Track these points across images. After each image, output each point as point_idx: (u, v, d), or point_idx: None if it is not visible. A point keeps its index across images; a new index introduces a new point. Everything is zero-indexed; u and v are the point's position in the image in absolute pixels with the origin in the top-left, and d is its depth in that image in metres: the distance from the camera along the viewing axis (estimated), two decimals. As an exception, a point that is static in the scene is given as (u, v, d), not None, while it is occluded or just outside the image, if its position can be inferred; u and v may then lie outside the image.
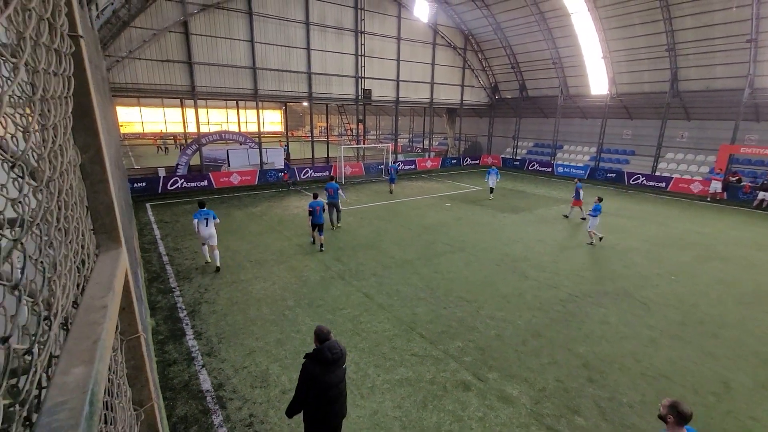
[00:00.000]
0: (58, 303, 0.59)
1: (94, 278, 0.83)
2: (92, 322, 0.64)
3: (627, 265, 11.17)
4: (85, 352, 0.57)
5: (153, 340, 7.10)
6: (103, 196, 0.97)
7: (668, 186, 23.33)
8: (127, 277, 1.04)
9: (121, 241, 1.03)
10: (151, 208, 16.91)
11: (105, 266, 0.91)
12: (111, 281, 0.82)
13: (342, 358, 4.04)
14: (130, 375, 1.08)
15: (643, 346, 7.19)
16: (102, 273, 0.86)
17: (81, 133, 0.91)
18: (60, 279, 0.61)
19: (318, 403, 3.95)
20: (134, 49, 18.41)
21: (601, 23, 23.87)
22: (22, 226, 0.53)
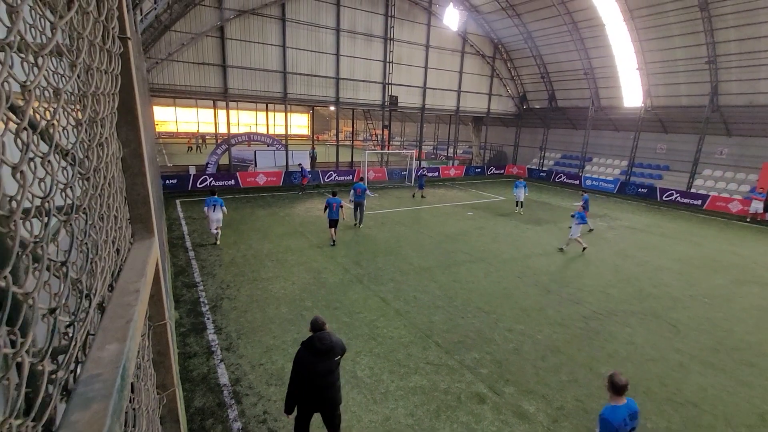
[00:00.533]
0: (97, 283, 0.64)
1: (129, 264, 0.88)
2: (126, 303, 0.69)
3: (656, 284, 10.70)
4: (118, 331, 0.61)
5: (176, 333, 7.33)
6: (140, 188, 1.03)
7: (704, 204, 22.26)
8: (157, 266, 1.09)
9: (154, 231, 1.09)
10: (181, 204, 17.54)
11: (139, 254, 0.96)
12: (143, 268, 0.87)
13: (332, 350, 4.21)
14: (156, 360, 1.13)
15: (671, 371, 6.85)
16: (136, 260, 0.91)
17: (124, 128, 0.98)
18: (99, 261, 0.66)
19: (306, 388, 4.18)
20: (173, 52, 19.26)
21: (636, 34, 23.19)
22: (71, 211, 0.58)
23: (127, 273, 0.82)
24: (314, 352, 4.17)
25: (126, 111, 0.98)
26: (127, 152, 1.00)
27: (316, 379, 4.16)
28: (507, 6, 27.13)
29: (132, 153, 1.01)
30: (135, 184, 1.03)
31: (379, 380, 6.24)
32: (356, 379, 6.23)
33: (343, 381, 6.14)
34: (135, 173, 1.03)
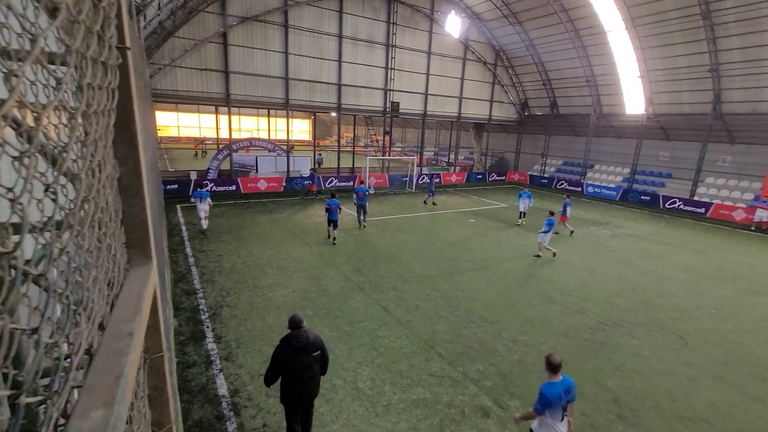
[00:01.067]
0: (81, 337, 0.55)
1: (123, 298, 0.79)
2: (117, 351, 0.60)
3: (662, 294, 10.57)
4: (106, 391, 0.52)
5: (174, 341, 7.21)
6: (138, 210, 0.94)
7: (708, 212, 22.14)
8: (155, 295, 1.00)
9: (152, 256, 1.00)
10: (181, 209, 17.47)
11: (134, 284, 0.87)
12: (139, 302, 0.77)
13: (309, 346, 4.46)
14: (152, 396, 1.03)
15: (681, 385, 6.70)
16: (131, 292, 0.82)
17: (121, 146, 0.89)
18: (86, 310, 0.58)
19: (287, 383, 4.49)
20: (176, 58, 19.31)
21: (638, 41, 23.24)
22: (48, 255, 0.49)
23: (121, 310, 0.73)
24: (292, 349, 4.42)
25: (123, 127, 0.90)
26: (124, 171, 0.91)
27: (295, 374, 4.44)
28: (509, 14, 27.26)
29: (129, 172, 0.92)
30: (133, 206, 0.95)
31: (381, 392, 6.11)
32: (357, 390, 6.10)
33: (344, 393, 6.02)
34: (133, 194, 0.94)
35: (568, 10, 24.69)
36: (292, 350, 4.41)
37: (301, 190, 23.36)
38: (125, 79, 0.88)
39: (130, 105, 0.90)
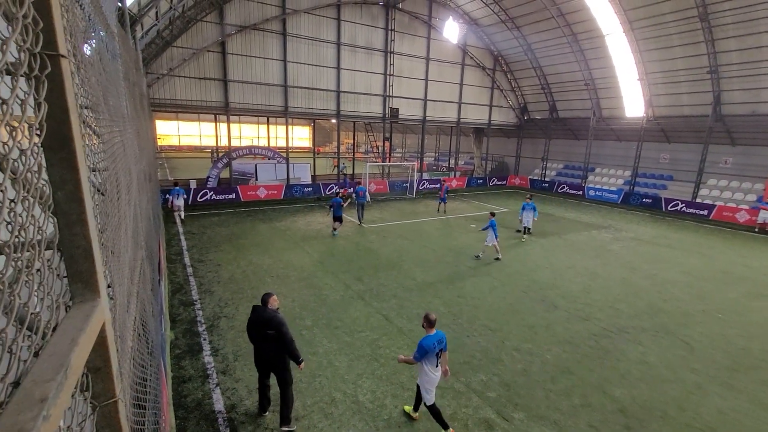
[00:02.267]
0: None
1: (51, 346, 0.68)
2: (18, 428, 0.48)
3: (666, 299, 10.39)
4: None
5: (171, 354, 7.07)
6: (80, 239, 0.83)
7: (710, 214, 21.96)
8: (104, 332, 0.89)
9: (99, 290, 0.88)
10: (179, 218, 17.35)
11: (71, 327, 0.75)
12: (69, 353, 0.66)
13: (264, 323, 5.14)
14: (104, 448, 0.91)
15: (688, 393, 6.52)
16: (62, 338, 0.70)
17: (57, 167, 0.78)
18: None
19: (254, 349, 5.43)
20: (174, 67, 19.36)
21: (637, 45, 23.24)
22: None
23: (40, 365, 0.61)
24: (250, 322, 5.30)
25: (59, 146, 0.78)
26: (62, 196, 0.80)
27: (254, 342, 5.35)
28: (506, 19, 27.34)
29: (68, 197, 0.81)
30: (73, 234, 0.83)
31: (381, 405, 5.94)
32: (358, 404, 5.94)
33: (344, 407, 5.85)
34: (73, 221, 0.83)
35: (566, 14, 24.74)
36: (250, 323, 5.30)
37: (302, 197, 23.31)
38: (59, 90, 0.77)
39: (66, 121, 0.79)
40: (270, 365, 5.32)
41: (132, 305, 3.40)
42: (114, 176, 3.58)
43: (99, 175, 2.80)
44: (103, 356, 0.90)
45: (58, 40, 0.75)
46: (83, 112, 2.59)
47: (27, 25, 0.66)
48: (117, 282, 2.77)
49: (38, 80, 0.70)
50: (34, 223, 0.71)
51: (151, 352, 4.41)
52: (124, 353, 2.60)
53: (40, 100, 0.71)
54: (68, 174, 0.79)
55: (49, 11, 0.72)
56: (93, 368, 0.88)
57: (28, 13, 0.64)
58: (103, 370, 0.90)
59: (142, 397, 3.07)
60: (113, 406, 0.92)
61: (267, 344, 5.18)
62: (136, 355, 3.21)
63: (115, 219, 3.29)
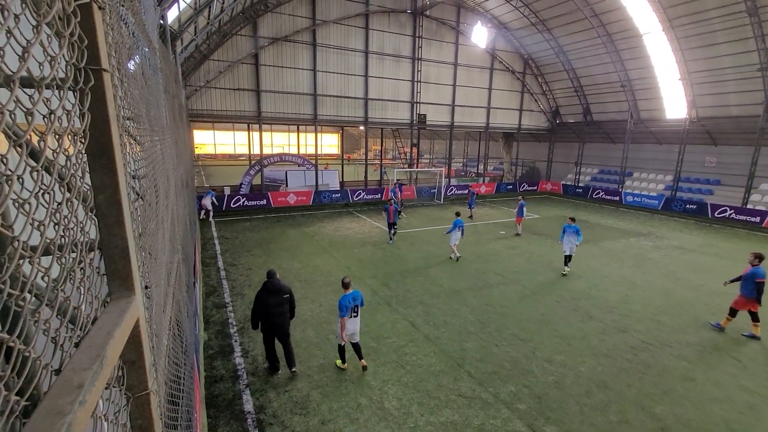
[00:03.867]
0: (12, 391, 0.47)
1: (88, 338, 0.73)
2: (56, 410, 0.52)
3: (714, 311, 9.70)
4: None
5: (204, 355, 7.33)
6: (118, 239, 0.89)
7: (764, 221, 20.37)
8: (138, 327, 0.94)
9: (134, 288, 0.94)
10: (215, 224, 18.07)
11: (106, 321, 0.81)
12: (104, 345, 0.70)
13: (280, 290, 6.46)
14: (136, 437, 0.96)
15: (739, 414, 6.03)
16: (99, 331, 0.76)
17: (97, 172, 0.85)
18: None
19: (265, 318, 6.43)
20: (211, 79, 20.31)
21: (678, 43, 22.10)
22: None
23: (79, 355, 0.66)
24: (267, 291, 6.41)
25: (100, 153, 0.85)
26: (102, 199, 0.86)
27: (269, 309, 6.38)
28: (537, 21, 26.80)
29: (108, 200, 0.87)
30: (112, 235, 0.89)
31: (407, 413, 5.88)
32: (383, 410, 5.91)
33: (370, 413, 5.84)
34: (111, 223, 0.89)
35: (600, 14, 23.95)
36: (268, 292, 6.40)
37: (331, 203, 23.69)
38: (101, 102, 0.83)
39: (107, 129, 0.85)
40: (283, 329, 6.53)
41: (168, 306, 3.56)
42: (153, 182, 3.80)
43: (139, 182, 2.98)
44: (137, 350, 0.95)
45: (101, 56, 0.82)
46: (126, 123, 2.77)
47: (73, 42, 0.72)
48: (154, 282, 2.92)
49: (82, 92, 0.77)
50: (78, 224, 0.77)
51: (186, 352, 4.60)
52: (160, 350, 2.73)
53: (84, 110, 0.77)
54: (108, 179, 0.85)
55: (93, 29, 0.79)
56: (128, 361, 0.93)
57: (75, 31, 0.70)
58: (137, 363, 0.95)
59: (176, 394, 3.21)
60: (146, 398, 0.97)
61: (282, 308, 6.47)
62: (171, 353, 3.36)
63: (153, 223, 3.48)
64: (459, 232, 13.13)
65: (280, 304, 6.43)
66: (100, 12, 0.83)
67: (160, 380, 2.33)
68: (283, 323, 6.50)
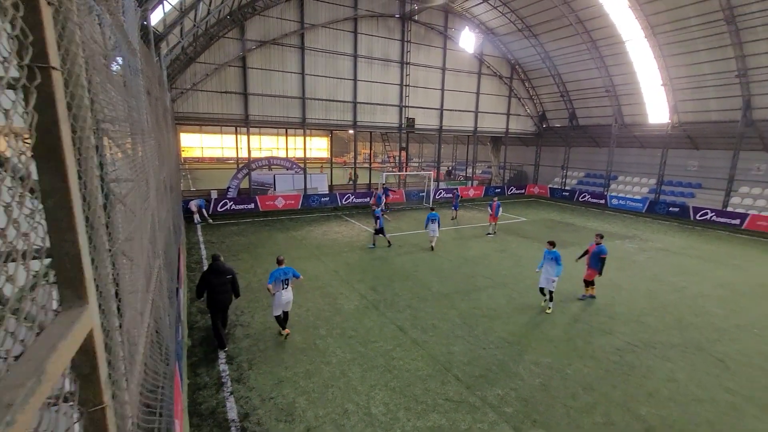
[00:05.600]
0: None
1: (29, 352, 0.68)
2: None
3: (697, 313, 9.88)
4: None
5: (187, 362, 7.17)
6: (69, 245, 0.84)
7: (743, 223, 20.92)
8: (92, 339, 0.89)
9: (88, 296, 0.89)
10: (201, 228, 17.80)
11: (53, 333, 0.76)
12: (45, 359, 0.66)
13: (224, 272, 7.46)
14: (91, 455, 0.91)
15: (722, 414, 6.13)
16: (42, 344, 0.71)
17: (46, 175, 0.80)
18: None
19: (210, 295, 7.39)
20: (197, 82, 20.08)
21: (660, 50, 22.67)
22: None
23: (15, 369, 0.62)
24: (213, 272, 7.40)
25: (48, 155, 0.80)
26: (52, 204, 0.82)
27: (214, 287, 7.37)
28: (523, 27, 27.21)
29: (58, 204, 0.83)
30: (63, 241, 0.85)
31: (394, 418, 5.83)
32: (370, 416, 5.85)
33: (356, 419, 5.77)
34: (63, 228, 0.84)
35: (584, 21, 24.44)
36: (213, 273, 7.39)
37: (319, 206, 23.57)
38: (49, 102, 0.79)
39: (56, 131, 0.81)
40: (224, 304, 7.52)
41: (146, 312, 3.47)
42: (134, 186, 3.70)
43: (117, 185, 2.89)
44: (90, 362, 0.90)
45: (50, 53, 0.78)
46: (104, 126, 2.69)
47: (16, 36, 0.68)
48: (128, 289, 2.83)
49: (27, 90, 0.73)
50: (23, 230, 0.73)
51: (167, 359, 4.49)
52: (134, 359, 2.64)
53: (29, 109, 0.73)
54: (58, 182, 0.81)
55: (41, 25, 0.74)
56: (81, 374, 0.88)
57: (16, 25, 0.67)
58: (90, 376, 0.90)
59: (153, 404, 3.11)
60: (101, 412, 0.92)
61: (225, 287, 7.44)
62: (148, 361, 3.26)
63: (132, 226, 3.38)
64: (435, 224, 14.51)
65: (224, 284, 7.41)
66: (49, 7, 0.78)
67: (132, 390, 2.25)
68: (225, 300, 7.50)
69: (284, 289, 7.79)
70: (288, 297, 7.87)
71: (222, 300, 7.46)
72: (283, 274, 7.75)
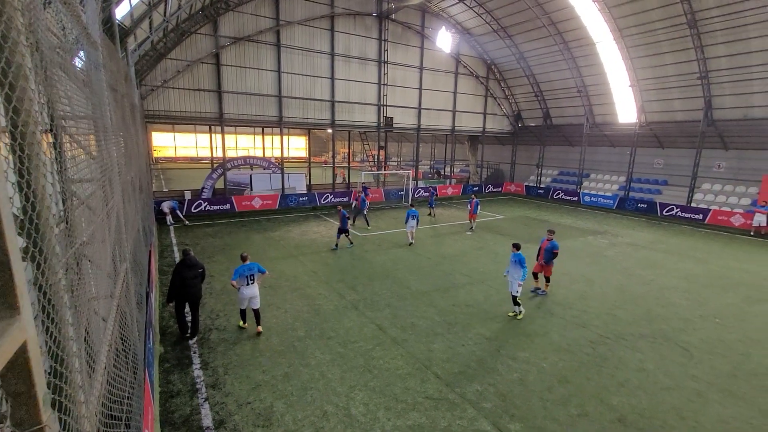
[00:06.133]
0: None
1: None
2: None
3: (664, 304, 10.30)
4: None
5: (159, 369, 6.91)
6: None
7: (706, 218, 22.00)
8: (25, 353, 0.81)
9: (20, 307, 0.81)
10: (174, 230, 17.24)
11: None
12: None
13: (195, 266, 7.79)
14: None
15: (688, 401, 6.40)
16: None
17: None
18: None
19: (180, 288, 7.64)
20: (168, 79, 19.41)
21: (627, 52, 23.51)
22: None
23: None
24: (185, 266, 7.68)
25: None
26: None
27: (185, 281, 7.61)
28: (498, 28, 27.66)
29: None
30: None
31: (374, 418, 5.80)
32: (350, 417, 5.79)
33: (336, 420, 5.70)
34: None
35: (557, 23, 25.06)
36: (185, 266, 7.68)
37: (297, 206, 23.25)
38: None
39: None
40: (195, 296, 7.80)
41: (111, 319, 3.30)
42: (94, 187, 3.51)
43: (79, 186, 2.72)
44: (25, 379, 0.82)
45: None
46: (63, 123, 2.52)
47: None
48: (87, 295, 2.67)
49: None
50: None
51: (135, 368, 4.29)
52: (96, 370, 2.50)
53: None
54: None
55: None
56: (13, 393, 0.80)
57: None
58: (25, 394, 0.82)
59: (118, 415, 2.96)
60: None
61: (196, 280, 7.77)
62: (113, 371, 3.09)
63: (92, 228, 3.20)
64: (413, 220, 14.93)
65: (195, 277, 7.75)
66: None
67: (92, 403, 2.12)
68: (196, 292, 7.82)
69: (249, 285, 8.00)
70: (253, 292, 8.06)
71: (193, 293, 7.76)
72: (247, 270, 7.94)
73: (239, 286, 8.01)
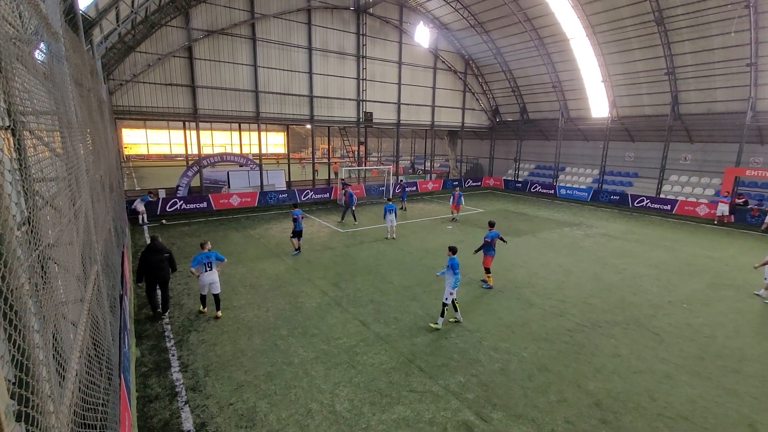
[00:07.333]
0: None
1: None
2: None
3: (636, 292, 10.73)
4: None
5: (136, 373, 6.70)
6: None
7: (674, 209, 22.99)
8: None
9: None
10: (148, 230, 16.68)
11: None
12: None
13: (161, 251, 8.58)
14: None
15: (659, 383, 6.70)
16: None
17: None
18: None
19: (148, 270, 8.42)
20: (138, 73, 18.68)
21: (599, 48, 24.17)
22: None
23: None
24: (151, 251, 8.49)
25: None
26: None
27: (152, 264, 8.39)
28: (475, 24, 27.89)
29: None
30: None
31: (359, 414, 5.80)
32: (335, 414, 5.78)
33: (321, 418, 5.68)
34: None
35: (532, 19, 25.47)
36: (151, 251, 8.46)
37: (277, 203, 22.90)
38: None
39: None
40: (163, 279, 8.54)
41: (81, 324, 3.15)
42: (58, 186, 3.33)
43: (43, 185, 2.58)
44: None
45: None
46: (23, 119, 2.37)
47: None
48: (54, 300, 2.55)
49: None
50: None
51: (109, 373, 4.13)
52: (67, 378, 2.39)
53: None
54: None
55: None
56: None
57: None
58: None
59: (92, 423, 2.84)
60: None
61: (163, 263, 8.49)
62: (84, 377, 2.97)
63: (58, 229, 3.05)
64: (391, 214, 15.25)
65: (161, 261, 8.47)
66: None
67: (63, 412, 2.03)
68: (164, 275, 8.53)
69: (207, 272, 8.49)
70: (212, 278, 8.55)
71: (161, 276, 8.47)
72: (205, 257, 8.44)
73: (198, 273, 8.45)
